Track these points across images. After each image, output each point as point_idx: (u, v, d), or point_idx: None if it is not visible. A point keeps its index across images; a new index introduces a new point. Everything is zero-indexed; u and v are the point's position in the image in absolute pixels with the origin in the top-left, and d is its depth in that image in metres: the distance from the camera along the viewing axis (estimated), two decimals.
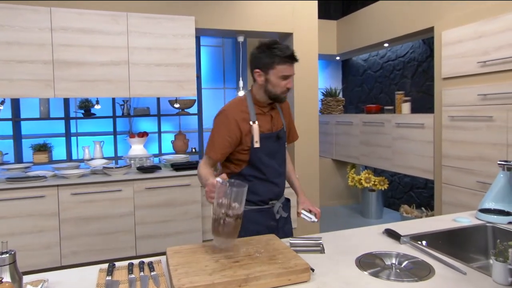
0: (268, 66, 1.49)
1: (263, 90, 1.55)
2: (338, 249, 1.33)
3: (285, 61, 1.48)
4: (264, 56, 1.50)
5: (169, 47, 3.05)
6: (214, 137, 1.54)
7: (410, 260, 1.20)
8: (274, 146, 1.61)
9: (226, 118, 1.53)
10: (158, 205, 2.96)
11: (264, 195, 1.60)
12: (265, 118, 1.58)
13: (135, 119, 4.40)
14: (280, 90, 1.52)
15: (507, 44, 2.50)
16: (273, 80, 1.50)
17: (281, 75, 1.49)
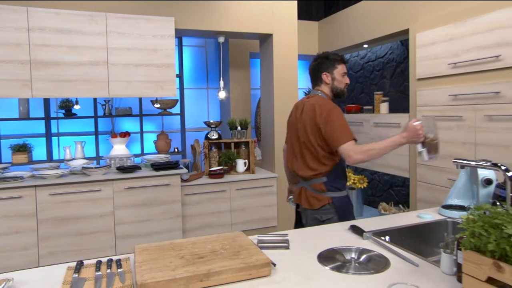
0: (332, 68, 1.91)
1: (330, 89, 1.94)
2: (303, 245, 1.38)
3: (341, 61, 1.94)
4: (326, 61, 1.93)
5: (148, 48, 3.07)
6: (342, 123, 1.75)
7: (368, 254, 1.26)
8: None
9: (333, 105, 1.83)
10: (138, 204, 2.98)
11: (345, 181, 1.94)
12: None
13: (118, 119, 4.40)
14: (343, 85, 1.94)
15: (475, 47, 2.59)
16: (337, 78, 1.92)
17: (342, 73, 1.92)
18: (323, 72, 1.93)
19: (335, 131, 1.73)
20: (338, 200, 1.85)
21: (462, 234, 0.96)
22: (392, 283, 0.93)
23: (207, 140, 3.60)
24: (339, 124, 1.74)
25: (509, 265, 0.85)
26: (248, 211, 3.47)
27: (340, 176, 1.89)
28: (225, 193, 3.37)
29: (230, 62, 4.52)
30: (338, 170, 1.87)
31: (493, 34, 2.47)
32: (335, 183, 1.87)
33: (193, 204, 3.25)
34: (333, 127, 1.74)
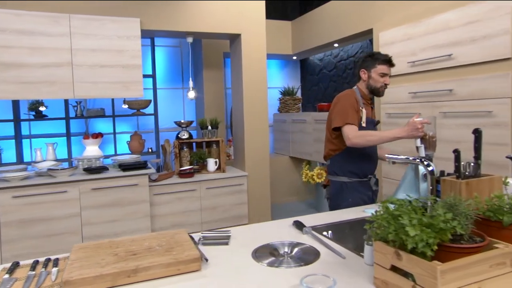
0: (371, 67, 1.99)
1: (366, 85, 2.02)
2: (242, 241, 1.42)
3: (385, 62, 1.97)
4: (369, 59, 2.01)
5: (114, 49, 3.08)
6: (343, 109, 1.92)
7: (301, 247, 1.31)
8: (374, 129, 2.04)
9: (348, 96, 1.97)
10: (105, 205, 2.99)
11: (365, 169, 2.02)
12: (368, 107, 2.04)
13: (92, 120, 4.39)
14: (379, 84, 1.98)
15: (430, 46, 2.67)
16: (374, 76, 1.98)
17: (381, 73, 1.96)
18: (362, 68, 2.04)
19: (333, 113, 1.98)
20: (333, 183, 2.08)
21: (367, 227, 1.01)
22: (305, 275, 0.97)
23: (177, 140, 3.62)
24: (340, 108, 1.94)
25: (406, 253, 0.90)
26: (218, 209, 3.50)
27: (341, 162, 2.04)
28: (195, 192, 3.40)
29: (203, 62, 4.55)
30: (340, 156, 2.04)
31: (445, 34, 2.55)
32: (334, 167, 2.07)
33: (163, 203, 3.28)
34: (333, 110, 1.99)
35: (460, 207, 0.95)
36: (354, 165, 2.01)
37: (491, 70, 2.29)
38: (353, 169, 2.01)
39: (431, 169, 1.22)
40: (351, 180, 2.01)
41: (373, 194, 2.06)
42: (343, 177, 2.03)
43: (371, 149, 2.04)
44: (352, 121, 1.89)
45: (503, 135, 2.21)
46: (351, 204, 1.95)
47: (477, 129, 1.20)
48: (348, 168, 2.02)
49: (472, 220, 0.95)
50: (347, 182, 2.01)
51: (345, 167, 2.02)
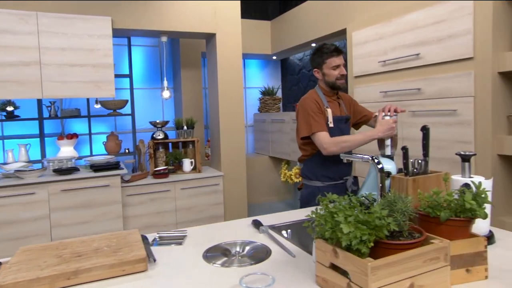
0: (321, 63, 1.91)
1: (324, 83, 1.95)
2: (197, 241, 1.40)
3: (332, 54, 1.89)
4: (316, 57, 1.93)
5: (84, 48, 3.03)
6: (306, 118, 1.86)
7: (253, 246, 1.30)
8: (345, 127, 1.97)
9: (308, 100, 1.90)
10: (76, 206, 2.94)
11: (340, 172, 1.94)
12: (334, 104, 1.96)
13: (69, 121, 4.31)
14: (335, 78, 1.90)
15: (399, 46, 2.70)
16: (327, 72, 1.90)
17: (332, 66, 1.89)
18: (314, 69, 1.98)
19: (299, 122, 1.94)
20: (306, 187, 2.01)
21: (305, 225, 1.01)
22: (247, 273, 0.96)
23: (152, 140, 3.59)
24: (302, 117, 1.89)
25: (343, 250, 0.90)
26: (194, 210, 3.48)
27: (312, 166, 1.98)
28: (170, 193, 3.37)
29: (181, 62, 4.51)
30: (311, 160, 1.97)
31: (413, 33, 2.58)
32: (306, 171, 2.01)
33: (136, 204, 3.24)
34: (298, 118, 1.95)
35: (398, 204, 0.95)
36: (327, 169, 1.92)
37: (455, 70, 2.32)
38: (327, 173, 1.92)
39: (380, 167, 1.23)
40: (325, 184, 1.92)
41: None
42: (316, 181, 1.94)
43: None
44: (318, 128, 1.81)
45: (467, 133, 2.25)
46: None
47: (424, 127, 1.21)
48: (321, 173, 1.93)
49: (410, 216, 0.96)
50: (320, 187, 1.92)
51: (317, 171, 1.94)
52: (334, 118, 1.91)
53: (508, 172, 2.18)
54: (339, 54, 1.91)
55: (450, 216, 0.97)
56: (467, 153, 1.31)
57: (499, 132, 2.15)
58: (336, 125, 1.91)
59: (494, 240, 1.28)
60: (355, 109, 2.14)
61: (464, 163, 1.32)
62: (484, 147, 2.17)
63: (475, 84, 2.19)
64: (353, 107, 2.13)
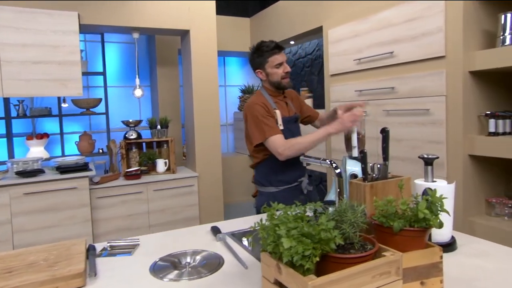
0: (263, 63, 1.81)
1: (269, 83, 1.86)
2: (148, 251, 1.32)
3: (273, 52, 1.79)
4: (256, 57, 1.83)
5: (48, 44, 2.88)
6: (256, 123, 1.75)
7: (205, 257, 1.22)
8: (295, 127, 1.90)
9: (254, 105, 1.78)
10: (40, 210, 2.81)
11: (292, 173, 1.86)
12: (281, 105, 1.88)
13: (41, 120, 4.15)
14: (280, 77, 1.81)
15: (374, 44, 2.65)
16: (271, 72, 1.81)
17: (275, 65, 1.80)
18: (256, 70, 1.88)
19: (248, 129, 1.83)
20: (260, 194, 1.93)
21: (247, 237, 0.93)
22: None
23: (124, 140, 3.47)
24: (252, 123, 1.78)
25: (286, 266, 0.83)
26: (167, 212, 3.38)
27: (265, 172, 1.89)
28: (142, 195, 3.26)
29: (157, 59, 4.39)
30: (264, 166, 1.88)
31: (387, 31, 2.53)
32: (259, 177, 1.92)
33: (106, 207, 3.12)
34: (247, 125, 1.84)
35: (348, 214, 0.88)
36: (280, 173, 1.84)
37: (428, 68, 2.28)
38: (280, 177, 1.85)
39: (338, 171, 1.16)
40: (279, 188, 1.85)
41: (307, 196, 1.93)
42: (271, 187, 1.87)
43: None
44: (271, 133, 1.72)
45: (439, 133, 2.21)
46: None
47: (384, 129, 1.15)
48: (275, 178, 1.86)
49: (360, 227, 0.89)
50: (275, 192, 1.85)
51: (270, 177, 1.87)
52: (283, 120, 1.82)
53: (479, 173, 2.15)
54: (281, 51, 1.82)
55: (404, 226, 0.91)
56: (430, 156, 1.26)
57: (470, 132, 2.12)
58: (286, 127, 1.81)
59: (456, 247, 1.23)
60: (301, 107, 2.07)
61: (427, 166, 1.26)
62: (455, 147, 2.14)
63: (446, 83, 2.15)
64: (300, 105, 2.06)
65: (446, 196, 0.95)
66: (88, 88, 4.39)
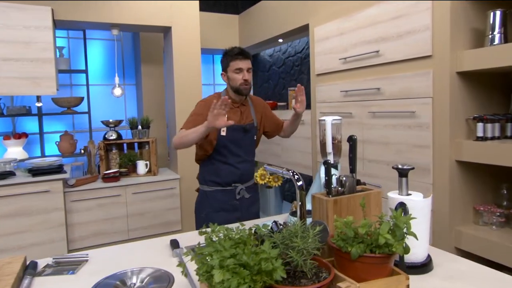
0: (226, 66, 1.86)
1: (229, 87, 1.88)
2: (94, 269, 1.20)
3: (235, 57, 1.82)
4: (223, 59, 1.89)
5: (20, 40, 2.75)
6: (190, 116, 1.85)
7: (153, 276, 1.10)
8: (241, 136, 1.89)
9: (201, 105, 1.87)
10: (9, 215, 2.68)
11: (227, 177, 1.88)
12: (234, 111, 1.88)
13: (21, 119, 4.02)
14: (238, 83, 1.83)
15: (359, 42, 2.53)
16: (231, 76, 1.85)
17: (235, 69, 1.82)
18: (221, 72, 1.93)
19: None
20: (199, 192, 1.99)
21: (179, 266, 0.81)
22: None
23: (103, 140, 3.34)
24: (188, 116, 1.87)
25: None
26: (147, 215, 3.26)
27: (203, 170, 1.96)
28: (120, 198, 3.14)
29: (142, 57, 4.26)
30: (203, 164, 1.96)
31: (373, 29, 2.41)
32: (199, 174, 1.99)
33: (82, 211, 2.99)
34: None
35: (297, 239, 0.76)
36: (214, 173, 1.90)
37: (414, 68, 2.16)
38: (214, 178, 1.90)
39: (300, 184, 1.04)
40: (212, 188, 1.90)
41: (240, 202, 1.92)
42: (205, 185, 1.94)
43: (239, 156, 1.89)
44: (185, 126, 1.79)
45: (425, 137, 2.09)
46: (210, 214, 1.88)
47: (351, 137, 1.03)
48: (209, 177, 1.92)
49: (312, 254, 0.77)
50: (208, 191, 1.91)
51: (206, 175, 1.93)
52: (229, 127, 1.82)
53: (466, 179, 2.03)
54: (245, 58, 1.84)
55: (364, 252, 0.79)
56: (404, 167, 1.14)
57: (457, 136, 2.00)
58: (230, 134, 1.85)
59: (432, 267, 1.11)
60: (263, 120, 2.06)
61: (401, 178, 1.14)
62: (442, 152, 2.02)
63: (433, 84, 2.03)
64: (262, 117, 2.05)
65: (422, 211, 0.83)
66: (72, 86, 4.26)
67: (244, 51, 1.86)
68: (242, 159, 1.90)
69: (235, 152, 1.87)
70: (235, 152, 1.87)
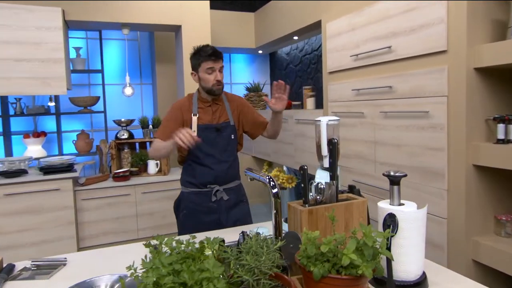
0: (197, 66, 1.79)
1: (201, 88, 1.84)
2: (72, 272, 1.16)
3: (208, 58, 1.75)
4: (193, 59, 1.81)
5: (31, 41, 2.80)
6: (162, 123, 1.86)
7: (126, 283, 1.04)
8: (213, 136, 1.83)
9: (173, 108, 1.86)
10: (21, 212, 2.74)
11: (202, 178, 1.84)
12: (206, 111, 1.84)
13: (42, 118, 4.14)
14: (210, 83, 1.77)
15: (372, 37, 2.38)
16: (202, 76, 1.78)
17: (206, 68, 1.75)
18: (191, 72, 1.86)
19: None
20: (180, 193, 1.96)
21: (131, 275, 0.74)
22: None
23: (115, 140, 3.37)
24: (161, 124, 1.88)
25: None
26: (157, 215, 3.25)
27: (182, 172, 1.94)
28: (130, 197, 3.14)
29: (156, 56, 4.27)
30: (184, 165, 1.93)
31: (385, 23, 2.26)
32: (181, 176, 1.96)
33: (92, 209, 3.02)
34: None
35: (247, 258, 0.68)
36: (190, 175, 1.88)
37: (428, 65, 2.00)
38: (189, 179, 1.88)
39: (275, 191, 0.95)
40: (188, 190, 1.88)
41: (217, 204, 1.86)
42: (183, 186, 1.93)
43: (213, 157, 1.83)
44: (157, 134, 1.81)
45: (439, 139, 1.93)
46: (186, 215, 1.86)
47: (331, 140, 0.93)
48: (185, 178, 1.90)
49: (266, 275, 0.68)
50: (184, 193, 1.90)
51: (184, 177, 1.92)
52: (200, 127, 1.81)
53: (486, 186, 1.86)
54: (217, 58, 1.78)
55: (327, 273, 0.70)
56: (396, 174, 1.03)
57: (474, 138, 1.83)
58: (201, 134, 1.79)
59: (427, 285, 0.99)
60: (243, 116, 1.96)
61: (393, 186, 1.03)
62: (457, 155, 1.85)
63: (448, 82, 1.87)
64: (241, 113, 1.95)
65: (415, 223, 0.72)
66: (90, 86, 4.34)
67: (217, 51, 1.78)
68: (217, 160, 1.83)
69: (208, 152, 1.81)
70: (209, 152, 1.81)
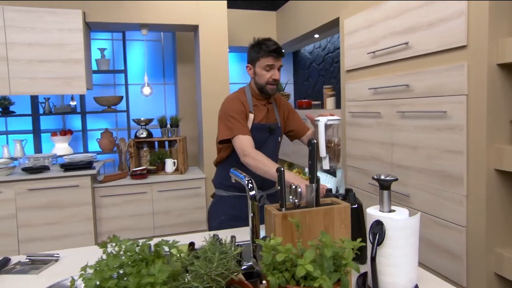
0: (255, 60, 1.66)
1: (254, 83, 1.71)
2: (61, 269, 1.18)
3: (269, 54, 1.62)
4: (253, 51, 1.68)
5: (53, 43, 2.91)
6: (227, 118, 1.62)
7: None
8: (265, 137, 1.72)
9: (231, 100, 1.69)
10: (43, 207, 2.86)
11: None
12: (260, 109, 1.72)
13: (70, 117, 4.32)
14: (265, 81, 1.65)
15: (389, 33, 2.26)
16: (258, 72, 1.66)
17: (264, 65, 1.63)
18: (247, 64, 1.75)
19: (220, 124, 1.72)
20: (214, 196, 1.82)
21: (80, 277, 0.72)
22: None
23: (134, 138, 3.44)
24: (223, 117, 1.67)
25: None
26: (173, 214, 3.28)
27: (222, 173, 1.76)
28: (146, 195, 3.19)
29: (177, 56, 4.32)
30: (223, 166, 1.78)
31: (402, 18, 2.14)
32: (216, 178, 1.83)
33: (110, 206, 3.10)
34: (219, 120, 1.73)
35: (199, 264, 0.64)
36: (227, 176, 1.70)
37: (446, 61, 1.86)
38: (231, 182, 1.62)
39: (252, 194, 0.90)
40: (229, 194, 1.71)
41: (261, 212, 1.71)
42: (221, 190, 1.76)
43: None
44: (240, 131, 1.58)
45: (458, 141, 1.79)
46: (224, 222, 1.68)
47: (310, 141, 0.87)
48: (226, 181, 1.72)
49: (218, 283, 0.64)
50: (224, 197, 1.73)
51: (222, 179, 1.75)
52: (254, 125, 1.67)
53: (508, 192, 1.70)
54: (279, 56, 1.65)
55: (285, 284, 0.64)
56: (387, 178, 0.95)
57: (497, 141, 1.68)
58: (255, 133, 1.65)
59: None
60: (286, 119, 1.87)
61: (383, 191, 0.95)
62: (477, 159, 1.72)
63: (468, 80, 1.73)
64: (285, 116, 1.86)
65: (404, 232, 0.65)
66: (115, 86, 4.47)
67: (280, 48, 1.65)
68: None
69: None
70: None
